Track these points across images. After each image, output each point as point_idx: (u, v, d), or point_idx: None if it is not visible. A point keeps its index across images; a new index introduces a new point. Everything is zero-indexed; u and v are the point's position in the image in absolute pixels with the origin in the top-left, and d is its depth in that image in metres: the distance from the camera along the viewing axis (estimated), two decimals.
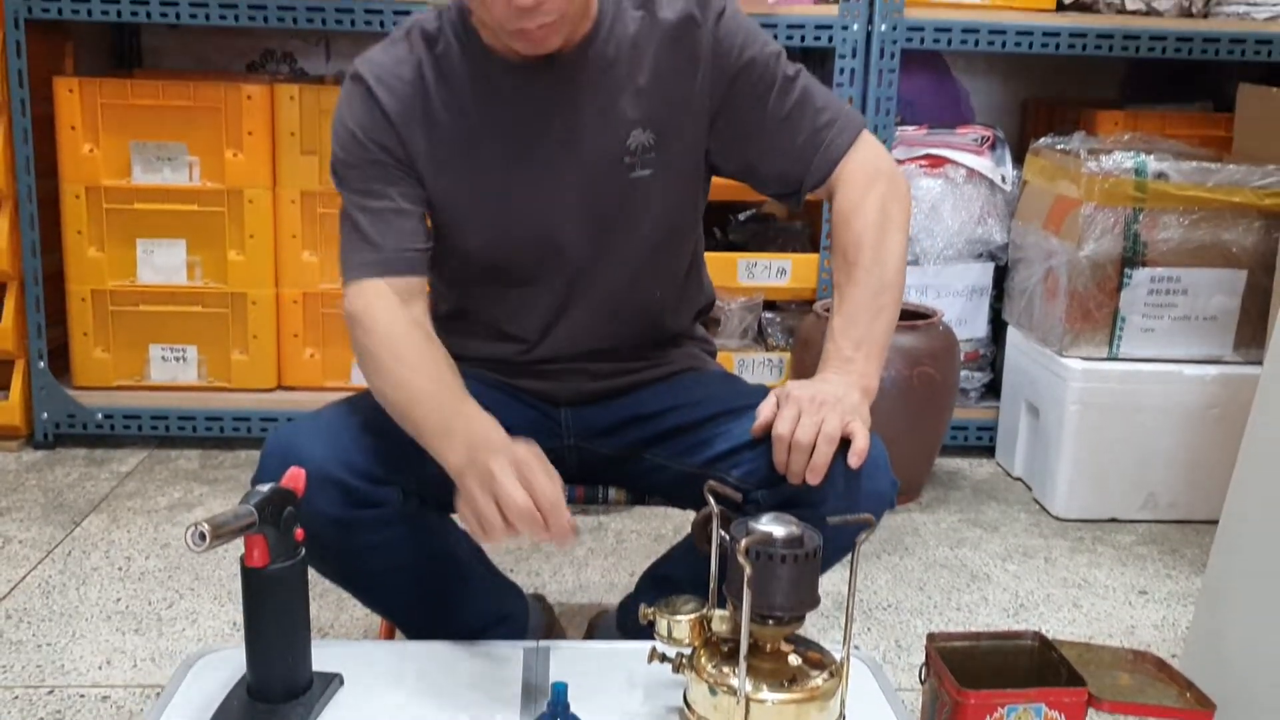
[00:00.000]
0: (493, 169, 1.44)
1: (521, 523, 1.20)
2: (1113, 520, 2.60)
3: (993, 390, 3.00)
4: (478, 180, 1.45)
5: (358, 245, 1.42)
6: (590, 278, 1.49)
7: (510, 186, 1.45)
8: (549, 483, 1.21)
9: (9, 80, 2.65)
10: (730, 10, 1.45)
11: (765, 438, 1.34)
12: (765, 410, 1.33)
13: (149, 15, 2.65)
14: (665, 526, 2.48)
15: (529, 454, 1.24)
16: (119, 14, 2.65)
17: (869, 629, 2.10)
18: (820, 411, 1.28)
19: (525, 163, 1.44)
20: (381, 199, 1.42)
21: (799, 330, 2.73)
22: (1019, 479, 2.81)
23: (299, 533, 1.17)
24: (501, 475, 1.20)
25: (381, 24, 2.66)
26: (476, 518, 1.22)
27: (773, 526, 1.13)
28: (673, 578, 1.56)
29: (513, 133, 1.43)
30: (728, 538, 1.15)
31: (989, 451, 2.96)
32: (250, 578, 1.15)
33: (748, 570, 1.09)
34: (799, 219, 3.16)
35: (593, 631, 1.81)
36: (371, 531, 1.36)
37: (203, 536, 1.05)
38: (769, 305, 2.99)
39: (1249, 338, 2.59)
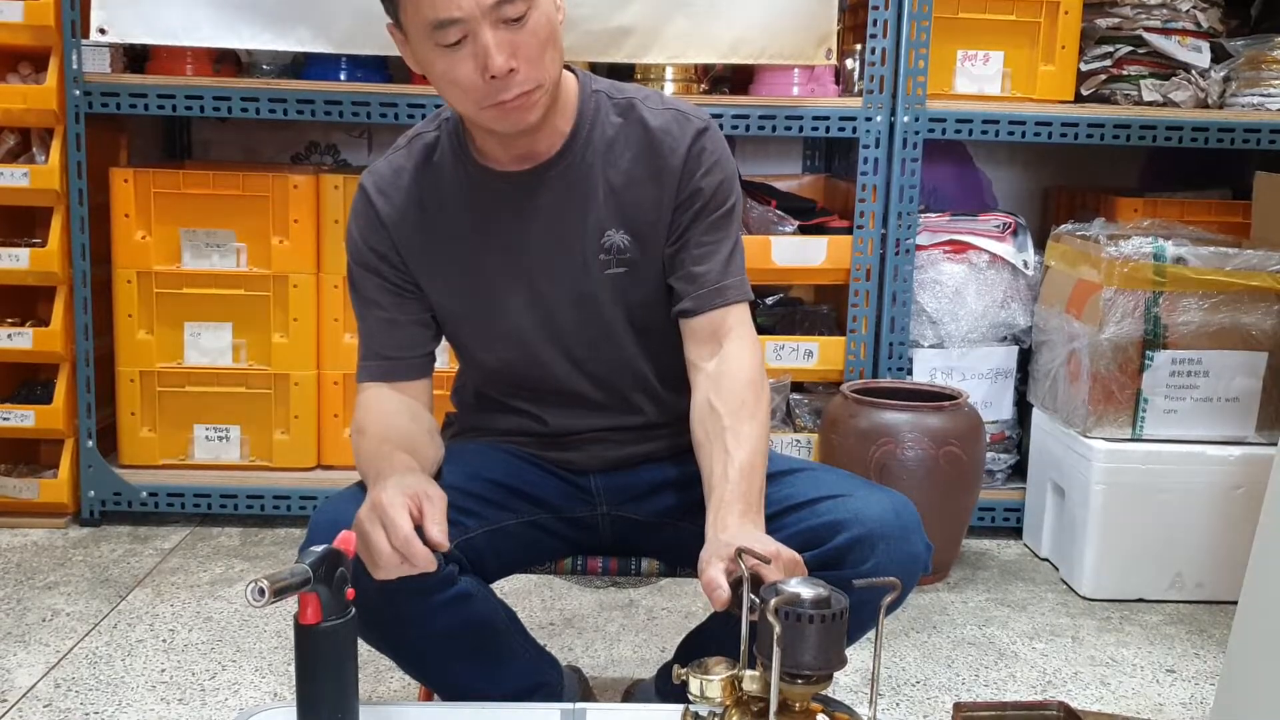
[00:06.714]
0: (483, 269, 1.54)
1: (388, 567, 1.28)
2: (1140, 600, 2.62)
3: (1019, 472, 3.03)
4: (470, 280, 1.55)
5: (365, 352, 1.58)
6: (587, 361, 1.58)
7: (500, 284, 1.54)
8: (401, 517, 1.28)
9: (68, 171, 2.77)
10: (712, 133, 1.51)
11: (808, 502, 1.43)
12: (721, 581, 1.25)
13: (202, 110, 2.77)
14: (696, 604, 2.52)
15: (383, 497, 1.30)
16: (174, 108, 2.77)
17: (898, 704, 2.12)
18: (796, 569, 1.26)
19: (512, 262, 1.53)
20: (382, 309, 1.56)
21: (826, 411, 2.78)
22: (1046, 559, 2.83)
23: (349, 592, 1.22)
24: (368, 524, 1.29)
25: (424, 117, 2.76)
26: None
27: (801, 588, 1.18)
28: (710, 644, 1.60)
29: (499, 236, 1.53)
30: (758, 600, 1.20)
31: (1016, 533, 2.99)
32: (303, 635, 1.20)
33: (777, 629, 1.14)
34: (825, 303, 3.24)
35: (629, 698, 1.85)
36: (415, 597, 1.41)
37: (262, 592, 1.11)
38: (797, 387, 3.05)
39: (1271, 419, 2.63)
